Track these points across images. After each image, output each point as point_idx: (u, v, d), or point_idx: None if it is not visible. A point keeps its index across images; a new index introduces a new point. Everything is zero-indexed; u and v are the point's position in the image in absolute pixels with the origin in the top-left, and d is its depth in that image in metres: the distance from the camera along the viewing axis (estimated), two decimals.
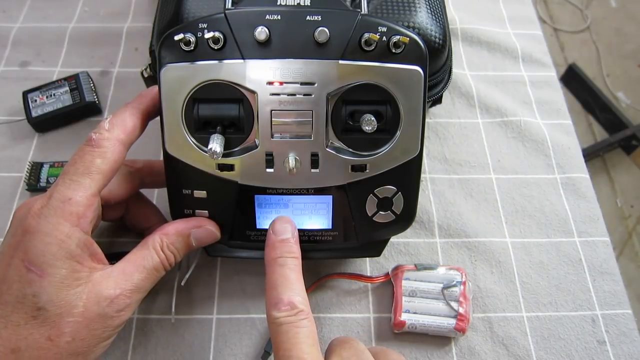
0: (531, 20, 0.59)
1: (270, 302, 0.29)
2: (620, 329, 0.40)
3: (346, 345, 0.29)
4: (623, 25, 1.74)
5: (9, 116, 0.49)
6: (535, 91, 0.53)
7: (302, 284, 0.31)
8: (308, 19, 0.31)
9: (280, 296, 0.29)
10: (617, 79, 1.62)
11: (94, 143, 0.30)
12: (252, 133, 0.33)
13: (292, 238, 0.32)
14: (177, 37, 0.31)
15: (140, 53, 0.54)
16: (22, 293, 0.28)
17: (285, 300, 0.29)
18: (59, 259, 0.28)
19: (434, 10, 0.41)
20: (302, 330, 0.28)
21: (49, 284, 0.28)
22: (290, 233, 0.33)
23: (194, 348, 0.38)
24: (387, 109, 0.33)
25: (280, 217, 0.34)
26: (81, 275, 0.29)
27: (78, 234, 0.29)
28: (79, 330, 0.28)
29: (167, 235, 0.33)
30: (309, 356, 0.27)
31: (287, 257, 0.31)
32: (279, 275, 0.30)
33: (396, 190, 0.35)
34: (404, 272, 0.40)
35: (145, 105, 0.33)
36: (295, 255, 0.32)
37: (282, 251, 0.31)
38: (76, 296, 0.28)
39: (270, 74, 0.31)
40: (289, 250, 0.32)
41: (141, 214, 0.39)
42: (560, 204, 0.45)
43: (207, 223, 0.35)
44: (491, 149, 0.49)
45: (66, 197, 0.29)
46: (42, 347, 0.28)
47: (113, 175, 0.31)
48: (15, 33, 0.55)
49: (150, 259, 0.32)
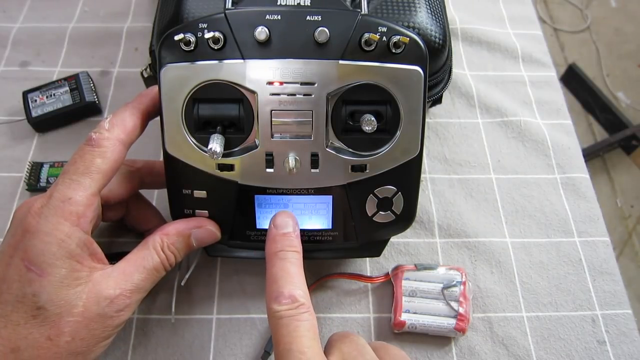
0: (531, 20, 0.59)
1: (270, 296, 0.29)
2: (620, 329, 0.40)
3: (346, 340, 0.29)
4: (623, 25, 1.75)
5: (9, 116, 0.49)
6: (535, 91, 0.53)
7: (303, 277, 0.31)
8: (308, 19, 0.31)
9: (281, 289, 0.29)
10: (617, 79, 1.62)
11: (94, 143, 0.30)
12: (252, 133, 0.33)
13: (293, 232, 0.32)
14: (177, 37, 0.31)
15: (140, 53, 0.54)
16: (21, 292, 0.28)
17: (286, 293, 0.29)
18: (59, 259, 0.28)
19: (434, 10, 0.41)
20: (302, 324, 0.28)
21: (49, 284, 0.28)
22: (292, 227, 0.33)
23: (194, 348, 0.38)
24: (387, 109, 0.33)
25: (282, 212, 0.34)
26: (81, 274, 0.29)
27: (78, 234, 0.29)
28: (79, 329, 0.28)
29: (167, 236, 0.33)
30: (310, 350, 0.27)
31: (288, 251, 0.31)
32: (279, 269, 0.30)
33: (396, 190, 0.35)
34: (404, 272, 0.40)
35: (145, 105, 0.33)
36: (296, 249, 0.32)
37: (283, 245, 0.31)
38: (76, 296, 0.28)
39: (270, 74, 0.31)
40: (290, 244, 0.32)
41: (141, 215, 0.39)
42: (560, 204, 0.45)
43: (207, 223, 0.35)
44: (491, 149, 0.49)
45: (66, 197, 0.29)
46: (41, 347, 0.28)
47: (113, 175, 0.31)
48: (15, 33, 0.55)
49: (151, 259, 0.32)
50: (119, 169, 0.32)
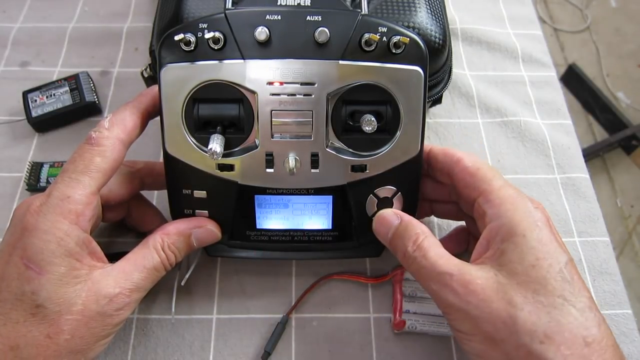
0: (531, 20, 0.59)
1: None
2: (620, 329, 0.40)
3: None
4: (623, 25, 1.75)
5: (9, 116, 0.49)
6: (535, 91, 0.53)
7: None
8: (308, 19, 0.31)
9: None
10: (617, 79, 1.62)
11: (93, 141, 0.30)
12: (252, 133, 0.33)
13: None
14: (177, 37, 0.31)
15: (140, 53, 0.54)
16: (20, 290, 0.28)
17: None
18: (58, 257, 0.28)
19: (434, 10, 0.41)
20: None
21: (48, 282, 0.28)
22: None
23: (194, 348, 0.38)
24: (387, 109, 0.33)
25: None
26: (80, 273, 0.29)
27: (77, 232, 0.29)
28: (78, 328, 0.28)
29: (168, 235, 0.33)
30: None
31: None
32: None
33: (396, 190, 0.35)
34: (404, 272, 0.40)
35: (145, 105, 0.33)
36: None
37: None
38: (75, 294, 0.28)
39: (271, 74, 0.31)
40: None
41: (142, 216, 0.39)
42: (560, 204, 0.45)
43: (208, 223, 0.35)
44: (491, 149, 0.49)
45: (65, 195, 0.29)
46: (40, 345, 0.28)
47: (112, 174, 0.31)
48: (15, 33, 0.55)
49: (151, 259, 0.32)
50: (119, 169, 0.32)
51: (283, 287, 0.40)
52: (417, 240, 0.31)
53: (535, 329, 0.26)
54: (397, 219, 0.33)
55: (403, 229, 0.32)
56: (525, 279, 0.27)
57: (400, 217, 0.33)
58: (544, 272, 0.27)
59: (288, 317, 0.38)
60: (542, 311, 0.27)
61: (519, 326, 0.26)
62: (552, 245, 0.29)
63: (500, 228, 0.30)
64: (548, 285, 0.27)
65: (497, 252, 0.29)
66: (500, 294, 0.27)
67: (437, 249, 0.30)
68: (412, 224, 0.32)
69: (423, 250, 0.30)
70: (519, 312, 0.27)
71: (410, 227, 0.32)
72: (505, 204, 0.30)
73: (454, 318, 0.29)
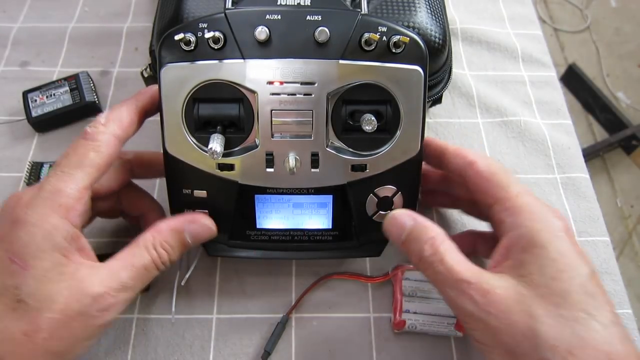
0: (531, 20, 0.59)
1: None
2: None
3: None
4: (623, 25, 1.75)
5: (9, 116, 0.49)
6: (535, 91, 0.53)
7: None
8: (308, 18, 0.31)
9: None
10: (617, 79, 1.62)
11: (89, 136, 0.30)
12: (252, 133, 0.33)
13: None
14: (177, 36, 0.31)
15: (140, 53, 0.54)
16: (3, 284, 0.27)
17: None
18: (44, 251, 0.27)
19: (434, 10, 0.41)
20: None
21: (31, 277, 0.27)
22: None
23: (194, 348, 0.38)
24: (387, 109, 0.33)
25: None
26: (66, 269, 0.28)
27: (66, 227, 0.28)
28: (58, 327, 0.27)
29: (159, 232, 0.32)
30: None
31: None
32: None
33: (396, 190, 0.35)
34: (404, 272, 0.40)
35: (143, 103, 0.33)
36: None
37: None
38: (57, 291, 0.27)
39: (271, 74, 0.31)
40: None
41: (133, 201, 0.38)
42: (560, 204, 0.45)
43: (201, 218, 0.34)
44: (491, 149, 0.49)
45: (56, 189, 0.28)
46: (17, 342, 0.26)
47: (106, 170, 0.31)
48: (15, 33, 0.55)
49: (140, 257, 0.31)
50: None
51: (283, 287, 0.40)
52: (433, 244, 0.30)
53: (557, 345, 0.25)
54: (411, 220, 0.32)
55: (418, 232, 0.31)
56: (547, 291, 0.26)
57: (414, 218, 0.32)
58: (566, 285, 0.27)
59: (288, 317, 0.39)
60: (564, 325, 0.26)
61: (540, 339, 0.25)
62: (573, 256, 0.28)
63: (519, 238, 0.29)
64: (570, 299, 0.26)
65: (517, 262, 0.28)
66: (521, 305, 0.26)
67: (454, 254, 0.29)
68: (427, 226, 0.31)
69: (440, 254, 0.29)
70: (539, 325, 0.26)
71: (425, 230, 0.31)
72: (524, 213, 0.30)
73: (473, 328, 0.28)
